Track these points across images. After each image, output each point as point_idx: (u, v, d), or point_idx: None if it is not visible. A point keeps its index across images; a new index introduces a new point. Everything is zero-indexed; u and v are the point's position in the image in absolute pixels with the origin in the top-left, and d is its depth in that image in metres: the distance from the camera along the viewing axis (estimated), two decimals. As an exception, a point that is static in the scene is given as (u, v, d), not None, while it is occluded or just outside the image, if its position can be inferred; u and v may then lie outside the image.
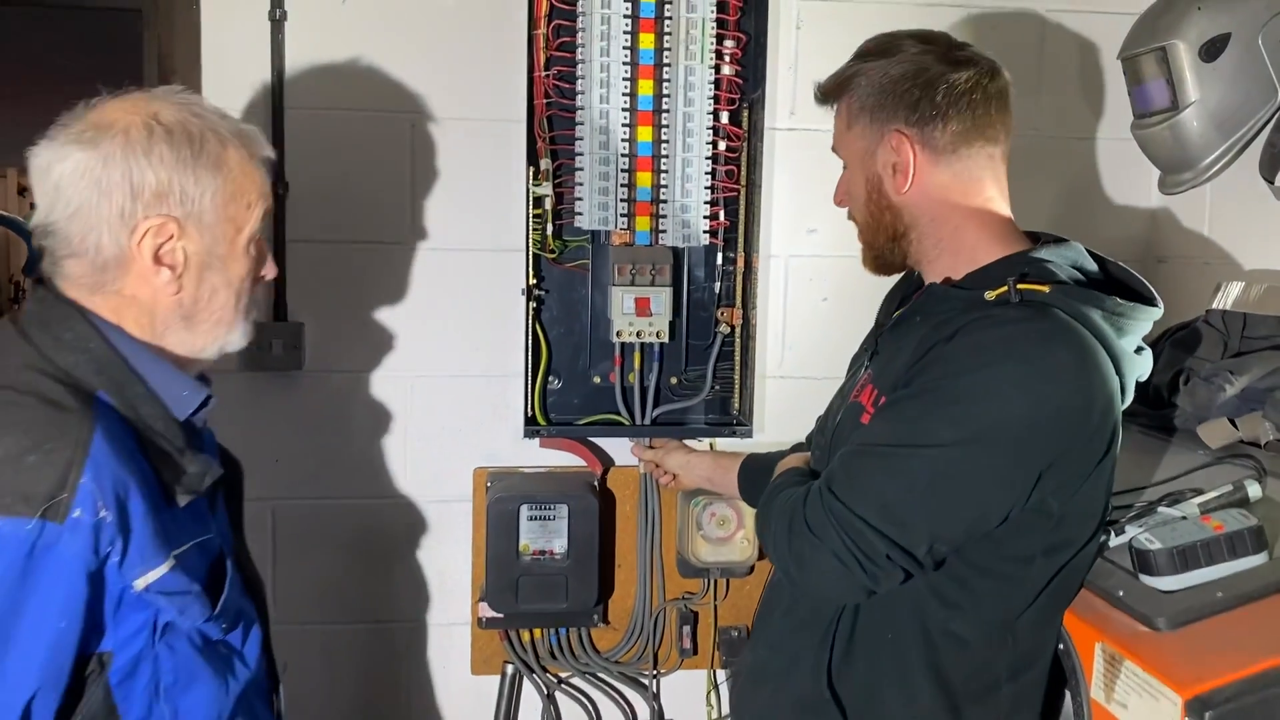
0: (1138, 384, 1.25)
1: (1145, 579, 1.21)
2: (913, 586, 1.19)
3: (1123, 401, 1.22)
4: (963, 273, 1.27)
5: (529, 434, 1.94)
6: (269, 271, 1.30)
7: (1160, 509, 1.33)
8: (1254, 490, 1.33)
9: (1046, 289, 1.17)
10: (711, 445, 2.08)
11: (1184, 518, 1.29)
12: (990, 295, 1.18)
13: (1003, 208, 1.30)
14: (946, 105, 1.25)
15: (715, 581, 2.05)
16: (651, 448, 1.96)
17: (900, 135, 1.27)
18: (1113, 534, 1.31)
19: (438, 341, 2.00)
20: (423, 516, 2.03)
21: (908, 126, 1.27)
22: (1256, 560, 1.18)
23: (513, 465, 2.03)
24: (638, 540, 2.04)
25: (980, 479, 1.13)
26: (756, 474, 1.69)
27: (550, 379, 2.00)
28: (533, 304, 1.95)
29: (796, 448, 1.69)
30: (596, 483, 1.99)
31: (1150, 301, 1.24)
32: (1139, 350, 1.24)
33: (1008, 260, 1.24)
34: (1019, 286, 1.17)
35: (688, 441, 1.98)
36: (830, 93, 1.36)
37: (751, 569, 2.01)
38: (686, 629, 2.05)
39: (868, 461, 1.18)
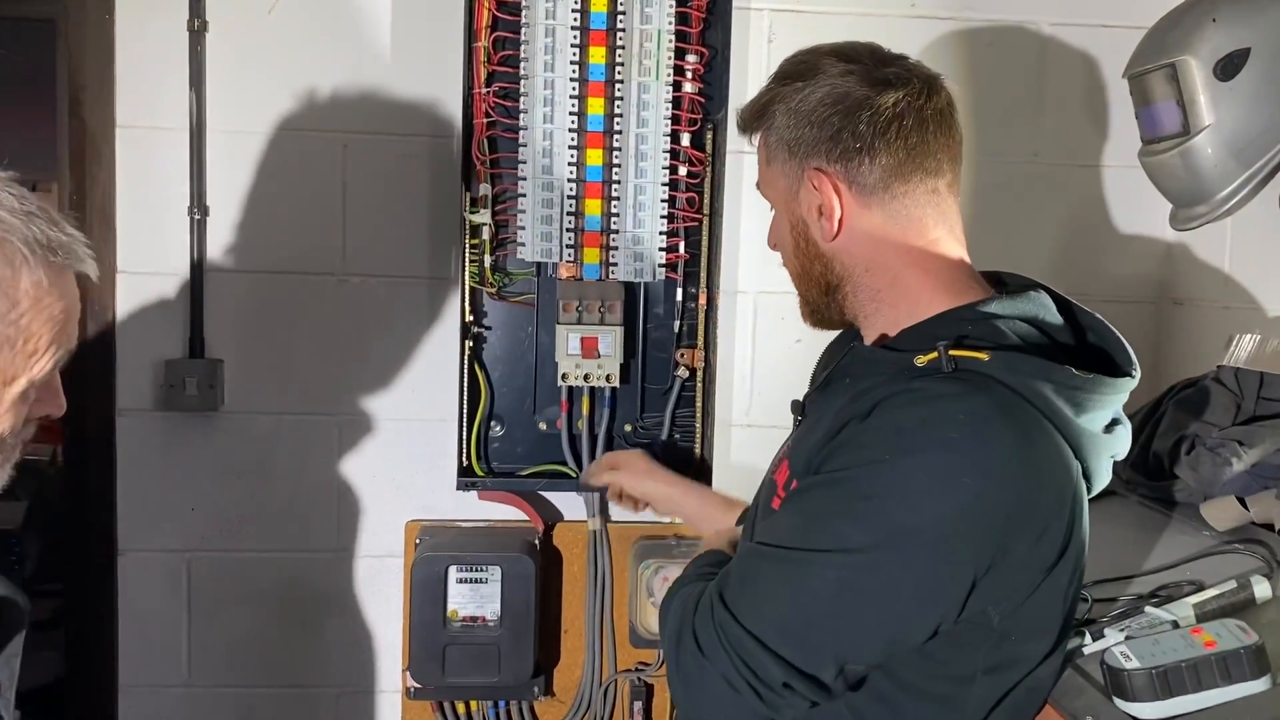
0: (1138, 454, 1.04)
1: (1120, 703, 1.00)
2: (831, 708, 0.99)
3: (1091, 489, 1.01)
4: (902, 328, 1.07)
5: (463, 486, 1.76)
6: (55, 410, 1.02)
7: (1148, 608, 1.12)
8: (1261, 590, 1.11)
9: (985, 356, 0.96)
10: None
11: (1174, 624, 1.08)
12: (920, 360, 0.98)
13: (952, 250, 1.09)
14: (871, 136, 1.04)
15: (670, 652, 1.85)
16: (607, 468, 1.68)
17: (821, 174, 1.06)
18: (1088, 636, 1.11)
19: (369, 381, 1.83)
20: (351, 572, 1.86)
21: (830, 163, 1.06)
22: (1256, 687, 0.97)
23: (449, 519, 1.85)
24: (586, 604, 1.85)
25: (896, 591, 0.93)
26: None
27: (492, 424, 1.82)
28: (470, 342, 1.77)
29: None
30: (538, 541, 1.80)
31: (1120, 369, 1.03)
32: (1111, 426, 1.03)
33: (947, 317, 1.04)
34: (953, 353, 0.97)
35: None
36: (748, 122, 1.15)
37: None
38: (639, 704, 1.86)
39: (765, 566, 0.98)
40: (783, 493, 1.06)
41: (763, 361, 1.89)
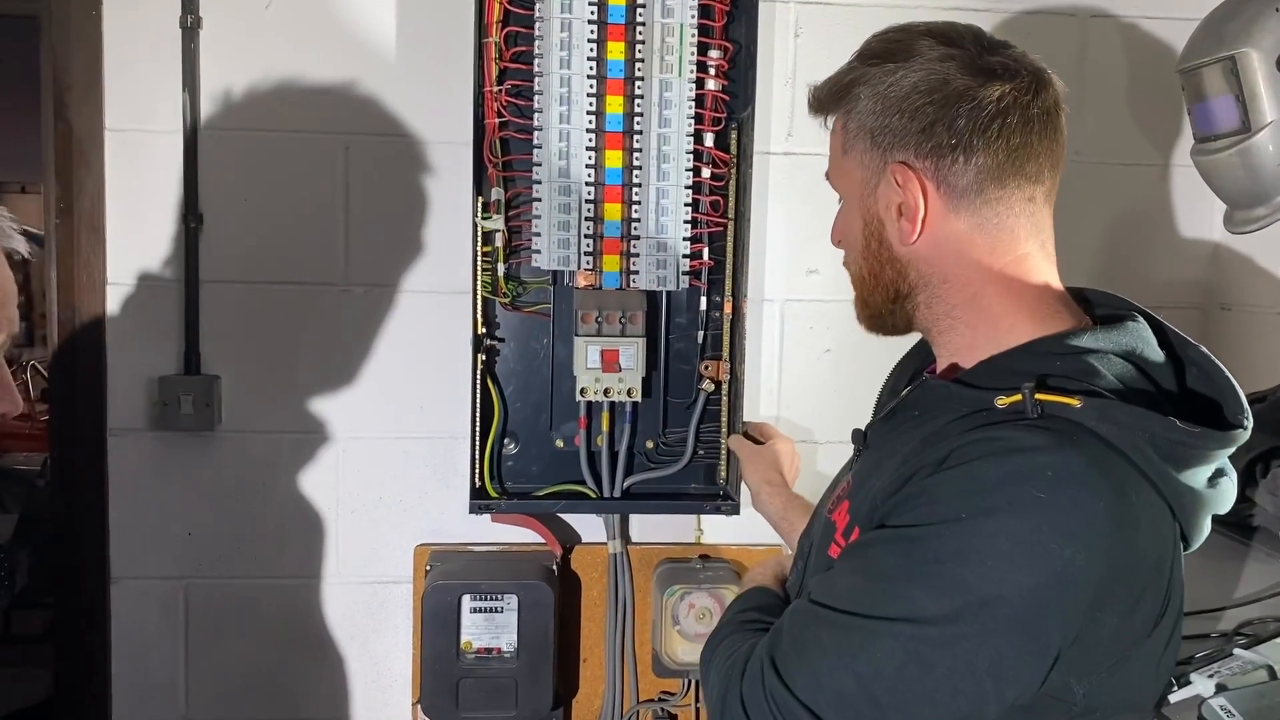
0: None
1: (1222, 762, 0.90)
2: None
3: (1189, 548, 0.91)
4: (979, 355, 0.96)
5: (476, 509, 1.66)
6: (8, 407, 0.95)
7: (1237, 650, 1.03)
8: (1361, 629, 1.02)
9: (1076, 403, 0.85)
10: (698, 528, 1.79)
11: (1269, 669, 0.98)
12: (1001, 402, 0.88)
13: (1042, 268, 0.98)
14: (970, 132, 0.93)
15: (695, 681, 1.75)
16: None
17: (907, 170, 0.95)
18: (1174, 685, 1.01)
19: (374, 398, 1.73)
20: (357, 600, 1.76)
21: (919, 158, 0.95)
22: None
23: (460, 543, 1.75)
24: (606, 631, 1.75)
25: (970, 667, 0.82)
26: None
27: (505, 442, 1.72)
28: (483, 355, 1.67)
29: None
30: (555, 565, 1.70)
31: (1229, 419, 0.91)
32: (1215, 479, 0.91)
33: (1033, 350, 0.92)
34: (1040, 397, 0.86)
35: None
36: (824, 103, 1.04)
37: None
38: (662, 736, 1.76)
39: (823, 633, 0.88)
40: (842, 540, 0.96)
41: (790, 373, 1.79)
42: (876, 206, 1.00)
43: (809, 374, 1.79)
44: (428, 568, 1.69)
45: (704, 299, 1.72)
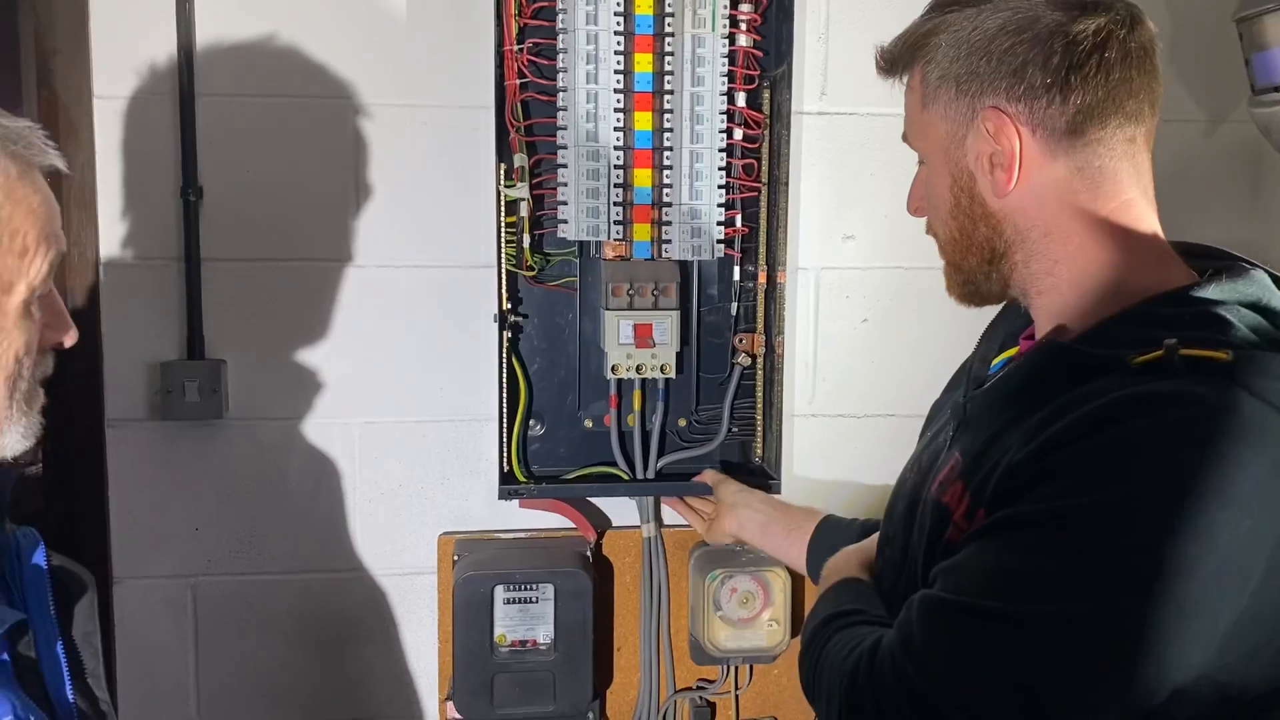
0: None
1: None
2: None
3: None
4: (1088, 315, 0.89)
5: (505, 494, 1.57)
6: (67, 338, 0.93)
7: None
8: None
9: (1226, 355, 0.78)
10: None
11: None
12: (1137, 360, 0.80)
13: (1148, 217, 0.92)
14: (1066, 69, 0.87)
15: (736, 668, 1.68)
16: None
17: (1000, 115, 0.89)
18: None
19: (391, 381, 1.63)
20: (377, 594, 1.66)
21: (1011, 101, 0.89)
22: None
23: (487, 530, 1.66)
24: (641, 618, 1.67)
25: (1138, 653, 0.74)
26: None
27: (531, 424, 1.63)
28: (508, 333, 1.57)
29: (864, 528, 1.33)
30: (589, 552, 1.62)
31: None
32: None
33: (1157, 303, 0.86)
34: (1185, 351, 0.79)
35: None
36: (898, 59, 0.97)
37: (775, 657, 1.64)
38: (701, 725, 1.69)
39: (965, 625, 0.80)
40: (963, 523, 0.88)
41: (827, 345, 1.71)
42: (965, 159, 0.93)
43: (846, 346, 1.71)
44: (455, 558, 1.59)
45: (737, 269, 1.63)
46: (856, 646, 0.88)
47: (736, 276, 1.63)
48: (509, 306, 1.57)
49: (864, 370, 1.72)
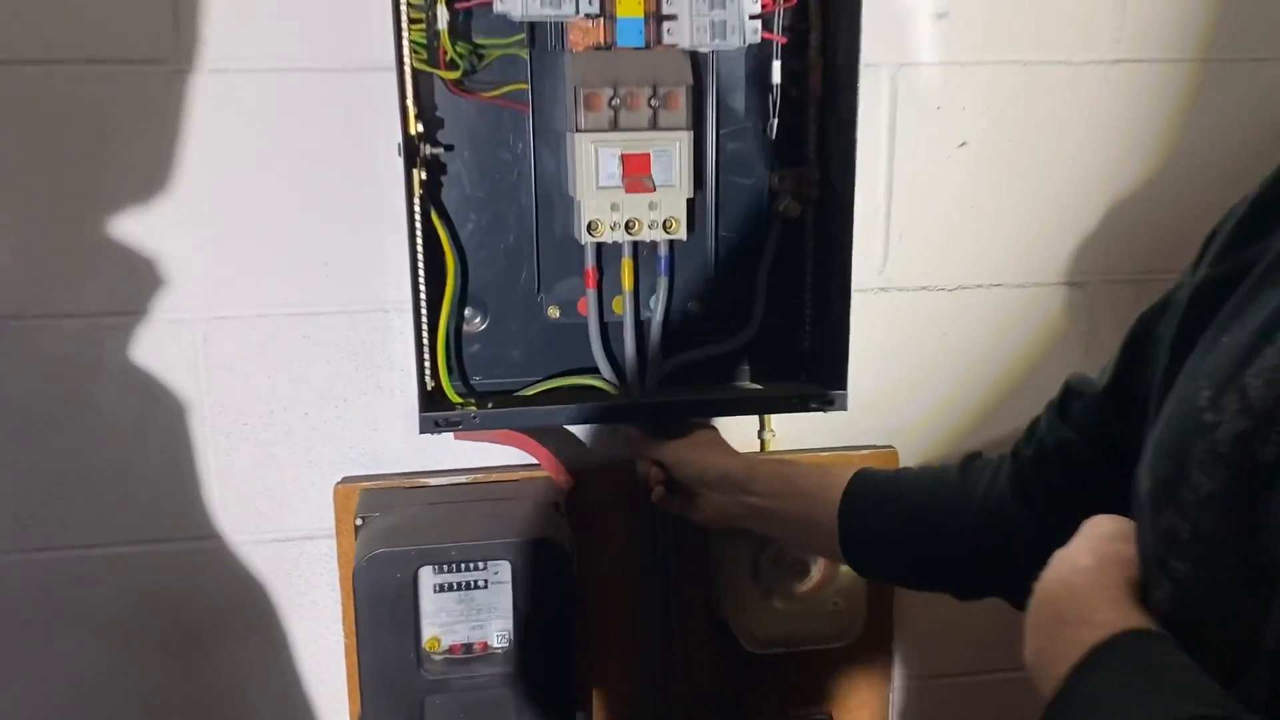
0: None
1: None
2: None
3: None
4: None
5: (431, 425, 1.01)
6: None
7: None
8: None
9: None
10: (762, 429, 1.17)
11: None
12: None
13: None
14: None
15: (779, 658, 1.17)
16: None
17: None
18: None
19: (247, 252, 1.06)
20: (248, 571, 1.13)
21: None
22: None
23: (407, 473, 1.12)
24: (641, 596, 1.15)
25: None
26: (882, 525, 0.83)
27: (467, 315, 1.07)
28: (421, 173, 1.00)
29: (967, 461, 0.83)
30: (562, 503, 1.08)
31: None
32: None
33: None
34: None
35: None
36: None
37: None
38: (729, 735, 1.19)
39: None
40: None
41: (904, 183, 1.15)
42: None
43: (934, 184, 1.15)
44: (358, 521, 1.05)
45: (777, 66, 1.05)
46: None
47: (777, 77, 1.05)
48: (420, 131, 0.99)
49: (960, 220, 1.17)
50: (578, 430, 1.14)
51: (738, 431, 1.15)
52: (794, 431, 1.18)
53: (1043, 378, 1.18)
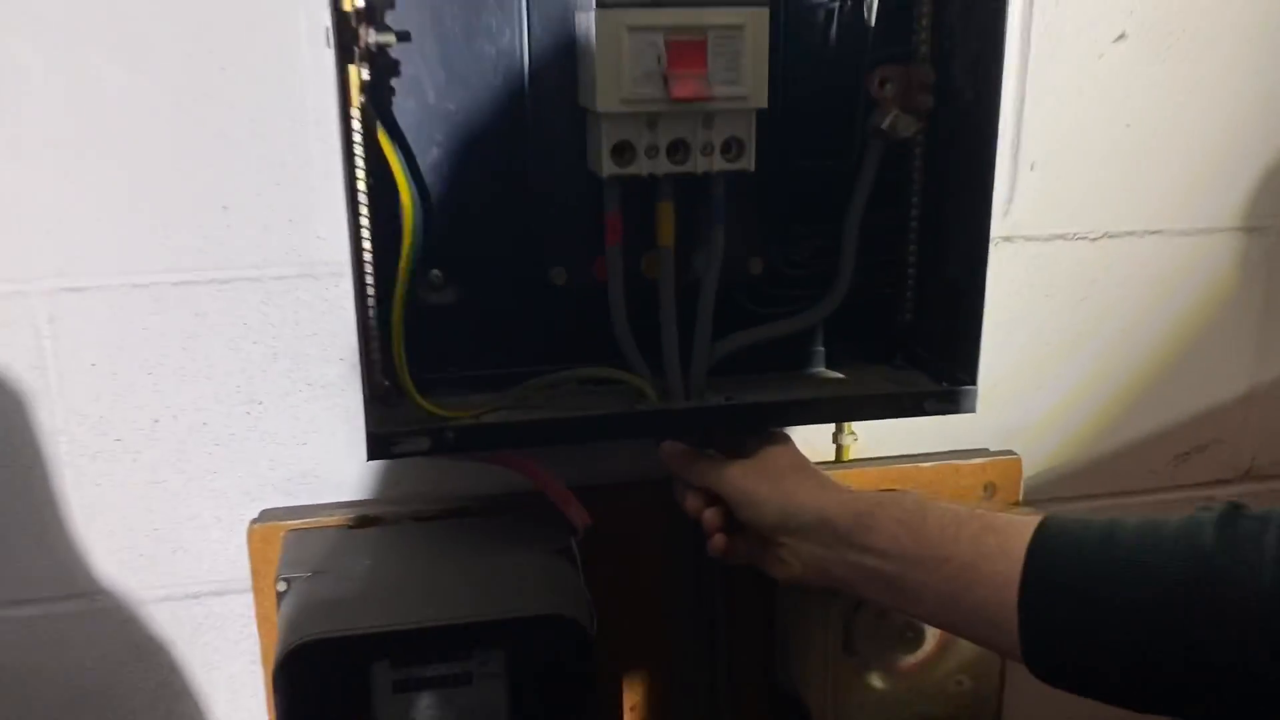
0: None
1: None
2: None
3: None
4: None
5: (381, 449, 0.69)
6: None
7: None
8: None
9: None
10: (840, 431, 0.86)
11: None
12: None
13: None
14: None
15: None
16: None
17: None
18: None
19: (109, 196, 0.72)
20: (132, 642, 0.81)
21: None
22: None
23: (351, 502, 0.80)
24: (676, 658, 0.85)
25: None
26: (1099, 614, 0.54)
27: (433, 275, 0.74)
28: (363, 70, 0.66)
29: (1228, 513, 0.54)
30: (576, 551, 0.77)
31: None
32: None
33: None
34: None
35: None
36: None
37: None
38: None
39: None
40: None
41: (1039, 89, 0.83)
42: None
43: (1080, 93, 0.83)
44: (281, 584, 0.73)
45: (880, -84, 0.72)
46: None
47: (878, -64, 0.72)
48: (360, 7, 0.65)
49: (1112, 144, 0.85)
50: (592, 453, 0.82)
51: (803, 431, 0.83)
52: (880, 431, 0.87)
53: (1213, 351, 0.89)
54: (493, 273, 0.75)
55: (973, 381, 0.74)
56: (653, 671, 0.85)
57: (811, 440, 0.85)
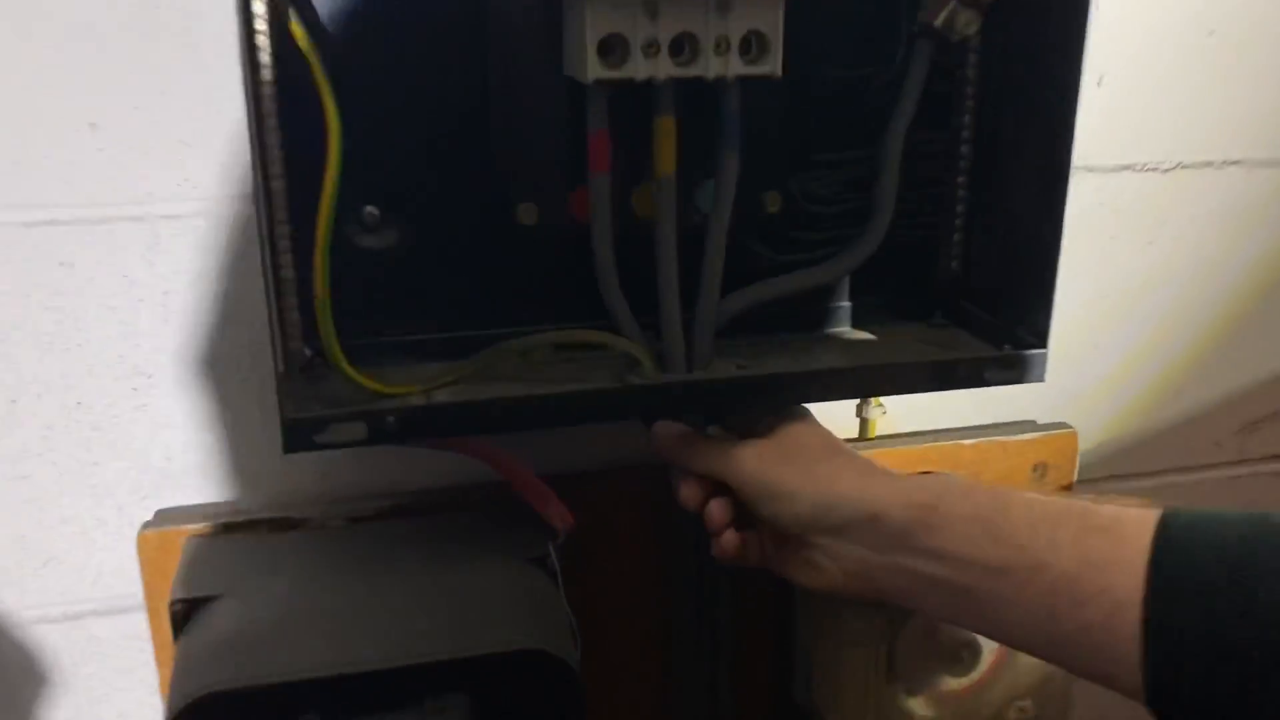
0: None
1: None
2: None
3: None
4: None
5: (301, 440, 0.53)
6: None
7: None
8: None
9: None
10: (868, 405, 0.72)
11: None
12: None
13: None
14: None
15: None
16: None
17: None
18: None
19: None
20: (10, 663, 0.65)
21: None
22: None
23: (271, 504, 0.64)
24: (667, 681, 0.71)
25: None
26: (1238, 638, 0.40)
27: (366, 219, 0.58)
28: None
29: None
30: (554, 553, 0.62)
31: None
32: None
33: None
34: None
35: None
36: None
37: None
38: None
39: None
40: None
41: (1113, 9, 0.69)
42: None
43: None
44: (176, 603, 0.57)
45: None
46: None
47: None
48: None
49: (1185, 61, 0.71)
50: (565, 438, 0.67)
51: (821, 405, 0.69)
52: (905, 402, 0.73)
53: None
54: (443, 208, 0.59)
55: (1043, 344, 0.60)
56: (645, 701, 0.71)
57: (830, 416, 0.71)
